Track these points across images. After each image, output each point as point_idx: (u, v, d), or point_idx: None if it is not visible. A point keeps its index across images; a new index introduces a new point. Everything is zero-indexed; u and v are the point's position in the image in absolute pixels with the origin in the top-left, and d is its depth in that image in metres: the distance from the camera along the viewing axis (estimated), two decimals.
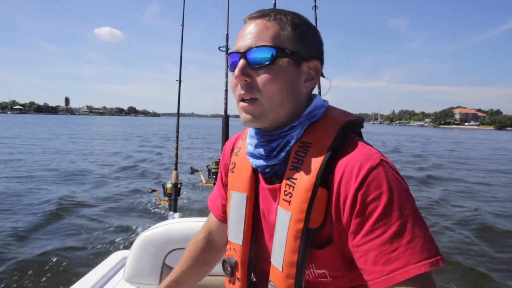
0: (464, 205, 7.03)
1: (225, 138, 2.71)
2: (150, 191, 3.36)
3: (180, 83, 3.49)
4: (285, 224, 0.69)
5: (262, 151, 0.74)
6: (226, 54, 2.80)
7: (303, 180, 0.67)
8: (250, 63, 0.69)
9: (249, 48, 0.69)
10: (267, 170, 0.75)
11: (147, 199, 6.53)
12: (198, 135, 33.38)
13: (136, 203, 6.54)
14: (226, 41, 2.89)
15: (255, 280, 0.89)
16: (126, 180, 8.99)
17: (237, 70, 0.69)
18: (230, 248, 0.84)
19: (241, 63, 0.69)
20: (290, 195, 0.69)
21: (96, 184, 8.20)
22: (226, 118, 2.72)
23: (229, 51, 1.16)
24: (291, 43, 0.69)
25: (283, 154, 0.72)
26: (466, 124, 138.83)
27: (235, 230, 0.82)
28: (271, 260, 0.74)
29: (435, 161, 15.29)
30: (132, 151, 16.26)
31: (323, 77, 0.78)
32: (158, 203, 3.34)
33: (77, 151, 15.45)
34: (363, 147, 0.67)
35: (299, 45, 0.70)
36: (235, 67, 0.70)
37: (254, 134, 0.77)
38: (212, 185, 2.86)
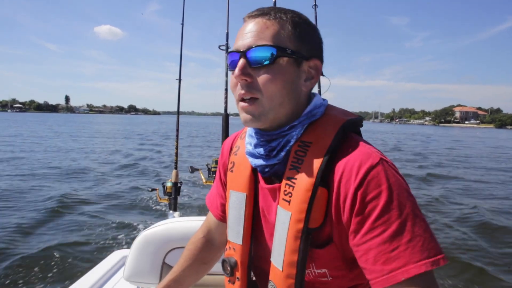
0: (463, 202, 7.07)
1: (225, 136, 2.70)
2: (150, 190, 3.36)
3: (180, 82, 3.49)
4: (285, 224, 0.69)
5: (261, 150, 0.74)
6: (226, 53, 2.79)
7: (303, 180, 0.67)
8: (250, 62, 0.68)
9: (249, 47, 0.68)
10: (266, 169, 0.74)
11: (148, 196, 6.57)
12: (198, 133, 33.44)
13: (137, 200, 6.58)
14: (226, 40, 2.87)
15: (255, 279, 0.89)
16: (127, 178, 9.05)
17: (237, 70, 0.68)
18: (229, 247, 0.83)
19: (241, 62, 0.68)
20: (290, 194, 0.68)
21: (97, 182, 8.24)
22: (226, 117, 2.72)
23: (228, 50, 1.15)
24: (292, 42, 0.69)
25: (282, 153, 0.72)
26: (466, 122, 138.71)
27: (234, 230, 0.81)
28: (271, 260, 0.73)
29: (435, 159, 15.35)
30: (133, 149, 16.31)
31: (323, 75, 0.78)
32: (158, 201, 3.34)
33: (78, 149, 15.52)
34: (363, 146, 0.67)
35: (300, 44, 0.69)
36: (234, 66, 0.69)
37: (254, 134, 0.76)
38: (212, 184, 2.85)
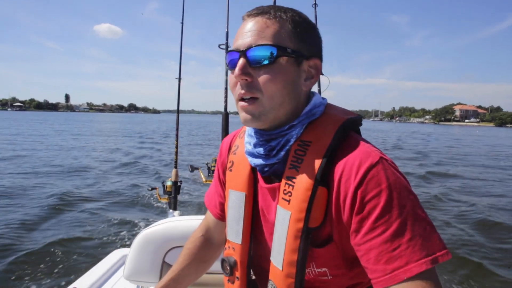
0: (461, 199, 7.13)
1: (225, 135, 2.69)
2: (150, 189, 3.36)
3: (179, 81, 3.47)
4: (284, 224, 0.68)
5: (261, 150, 0.73)
6: (226, 52, 2.78)
7: (302, 179, 0.67)
8: (250, 62, 0.67)
9: (249, 47, 0.67)
10: (266, 169, 0.74)
11: (149, 194, 6.62)
12: (198, 131, 33.47)
13: (138, 198, 6.63)
14: (226, 39, 2.85)
15: (254, 278, 0.89)
16: (128, 176, 9.10)
17: (237, 69, 0.67)
18: (229, 247, 0.83)
19: (241, 62, 0.67)
20: (289, 194, 0.68)
21: (98, 180, 8.30)
22: (226, 116, 2.71)
23: (228, 49, 1.14)
24: (292, 41, 0.68)
25: (282, 153, 0.71)
26: (466, 121, 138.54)
27: (234, 229, 0.81)
28: (271, 259, 0.73)
29: (435, 157, 15.38)
30: (133, 147, 16.33)
31: (322, 74, 0.77)
32: (158, 200, 3.34)
33: (79, 148, 15.58)
34: (362, 145, 0.67)
35: (300, 43, 0.69)
36: (234, 65, 0.68)
37: (253, 133, 0.76)
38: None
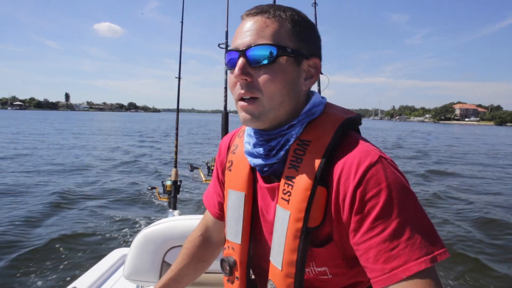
0: (461, 197, 7.18)
1: (225, 134, 2.69)
2: (149, 188, 3.36)
3: (179, 80, 3.46)
4: (284, 223, 0.68)
5: (261, 150, 0.73)
6: (226, 51, 2.76)
7: (302, 179, 0.67)
8: (250, 61, 0.66)
9: (249, 46, 0.66)
10: (265, 169, 0.74)
11: (150, 192, 6.65)
12: (198, 130, 33.52)
13: (139, 196, 6.68)
14: (226, 38, 2.84)
15: (254, 278, 0.89)
16: (128, 174, 9.15)
17: (237, 69, 0.66)
18: (228, 247, 0.83)
19: (240, 61, 0.67)
20: (289, 194, 0.68)
21: (99, 178, 8.34)
22: (225, 115, 2.70)
23: (227, 48, 1.14)
24: (291, 40, 0.68)
25: (282, 153, 0.71)
26: (466, 119, 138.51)
27: (233, 229, 0.81)
28: (270, 259, 0.73)
29: (435, 156, 15.42)
30: (133, 146, 16.38)
31: (322, 74, 0.77)
32: (158, 199, 3.35)
33: (80, 146, 15.63)
34: (362, 144, 0.66)
35: (299, 42, 0.69)
36: (233, 65, 0.68)
37: (253, 133, 0.76)
38: None
